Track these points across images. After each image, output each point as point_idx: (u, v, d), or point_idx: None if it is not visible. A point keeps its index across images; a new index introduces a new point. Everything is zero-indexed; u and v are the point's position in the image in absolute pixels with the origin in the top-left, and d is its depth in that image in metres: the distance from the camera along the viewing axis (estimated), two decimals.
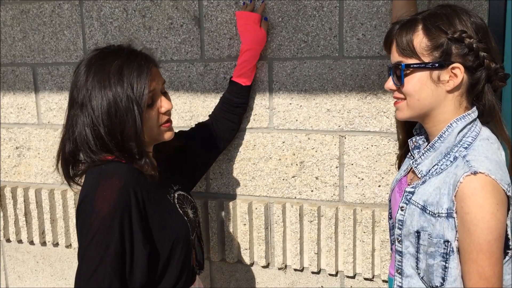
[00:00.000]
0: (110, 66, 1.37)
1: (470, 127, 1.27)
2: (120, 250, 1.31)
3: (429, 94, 1.27)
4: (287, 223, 2.02)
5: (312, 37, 1.88)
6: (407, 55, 1.28)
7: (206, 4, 1.99)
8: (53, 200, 2.37)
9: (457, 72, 1.23)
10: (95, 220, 1.28)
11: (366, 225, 1.89)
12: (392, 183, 1.49)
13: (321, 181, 1.96)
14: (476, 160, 1.20)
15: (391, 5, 1.75)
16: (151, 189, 1.42)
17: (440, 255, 1.23)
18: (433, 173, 1.29)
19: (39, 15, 2.26)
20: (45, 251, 2.48)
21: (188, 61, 2.06)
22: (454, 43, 1.23)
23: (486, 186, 1.15)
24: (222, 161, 2.07)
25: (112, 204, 1.30)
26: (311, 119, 1.93)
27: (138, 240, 1.34)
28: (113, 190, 1.31)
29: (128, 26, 2.12)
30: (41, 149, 2.38)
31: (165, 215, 1.43)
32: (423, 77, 1.27)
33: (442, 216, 1.22)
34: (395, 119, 1.48)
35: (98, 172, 1.36)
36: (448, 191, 1.21)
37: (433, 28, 1.24)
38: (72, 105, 1.41)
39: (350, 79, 1.86)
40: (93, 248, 1.28)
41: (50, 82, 2.31)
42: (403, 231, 1.33)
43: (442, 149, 1.28)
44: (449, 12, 1.26)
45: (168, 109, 1.46)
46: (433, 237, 1.24)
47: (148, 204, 1.39)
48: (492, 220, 1.14)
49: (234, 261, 2.11)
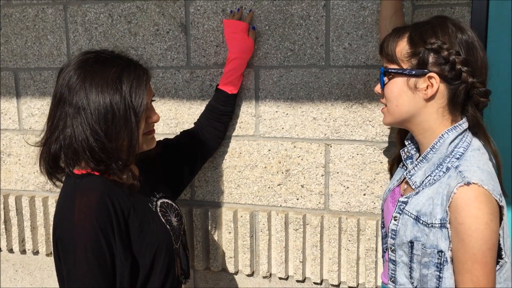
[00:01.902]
0: (108, 71, 1.33)
1: (461, 138, 1.29)
2: (109, 264, 1.30)
3: (406, 101, 1.29)
4: (272, 231, 2.02)
5: (299, 45, 1.89)
6: (389, 61, 1.31)
7: (192, 11, 1.99)
8: (33, 207, 2.32)
9: (433, 82, 1.25)
10: (79, 239, 1.26)
11: (351, 234, 1.89)
12: (384, 193, 1.50)
13: (307, 189, 1.96)
14: (469, 170, 1.21)
15: (378, 16, 1.77)
16: (130, 198, 1.40)
17: (434, 265, 1.24)
18: (426, 184, 1.30)
19: (22, 19, 2.23)
20: (24, 260, 2.43)
21: (174, 68, 2.05)
22: (431, 53, 1.25)
23: (479, 197, 1.17)
24: (207, 169, 2.06)
25: (94, 219, 1.28)
26: (297, 127, 1.94)
27: (119, 252, 1.32)
28: (91, 205, 1.29)
29: (113, 32, 2.10)
30: (22, 155, 2.34)
31: (145, 225, 1.41)
32: (400, 84, 1.29)
33: (435, 226, 1.23)
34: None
35: (73, 187, 1.33)
36: (441, 201, 1.22)
37: (416, 37, 1.27)
38: (61, 105, 1.34)
39: (336, 88, 1.87)
40: (86, 267, 1.26)
41: (33, 87, 2.27)
42: (396, 241, 1.33)
43: (435, 160, 1.29)
44: (436, 23, 1.28)
45: (156, 122, 1.46)
46: (427, 247, 1.24)
47: (128, 215, 1.37)
48: (486, 230, 1.15)
49: (219, 269, 2.09)
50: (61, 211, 1.33)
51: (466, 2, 1.74)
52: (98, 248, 1.28)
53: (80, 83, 1.32)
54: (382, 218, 1.50)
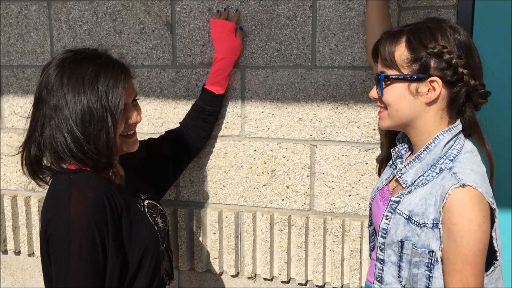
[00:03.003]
0: (85, 71, 1.32)
1: (455, 140, 1.30)
2: (101, 263, 1.28)
3: (407, 105, 1.29)
4: (258, 232, 2.01)
5: (285, 46, 1.88)
6: (388, 66, 1.31)
7: (179, 10, 1.97)
8: (15, 206, 2.29)
9: (435, 86, 1.26)
10: (75, 235, 1.24)
11: (336, 235, 1.89)
12: (373, 191, 1.50)
13: (292, 190, 1.95)
14: (463, 172, 1.22)
15: (364, 16, 1.77)
16: (122, 197, 1.39)
17: (424, 265, 1.24)
18: (419, 183, 1.30)
19: (5, 16, 2.19)
20: (6, 260, 2.39)
21: (160, 67, 2.03)
22: (433, 57, 1.25)
23: (473, 199, 1.18)
24: (192, 169, 2.05)
25: (91, 215, 1.26)
26: (283, 128, 1.93)
27: (111, 250, 1.30)
28: (88, 201, 1.27)
29: (98, 29, 2.08)
30: (4, 154, 2.30)
31: (135, 224, 1.40)
32: (401, 89, 1.29)
33: (427, 226, 1.23)
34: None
35: (68, 183, 1.31)
36: (435, 202, 1.23)
37: (415, 42, 1.27)
38: (40, 105, 1.34)
39: (322, 89, 1.87)
40: (79, 264, 1.25)
41: (15, 85, 2.23)
42: (387, 240, 1.34)
43: (428, 160, 1.30)
44: (433, 26, 1.28)
45: (136, 122, 1.43)
46: (417, 247, 1.25)
47: (121, 213, 1.36)
48: (478, 232, 1.17)
49: (203, 270, 2.08)
50: (55, 207, 1.30)
51: (452, 5, 1.75)
52: (93, 246, 1.26)
53: (58, 83, 1.32)
54: (370, 216, 1.51)
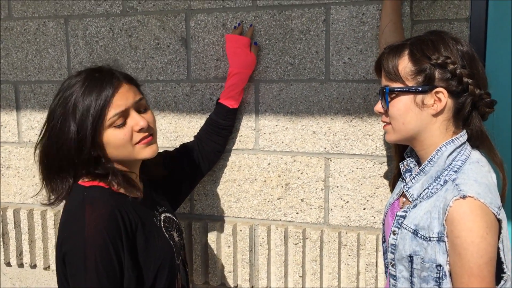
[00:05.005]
0: (70, 91, 1.37)
1: (459, 151, 1.28)
2: (118, 279, 1.29)
3: (414, 118, 1.29)
4: (272, 246, 2.01)
5: (299, 60, 1.90)
6: (392, 79, 1.30)
7: (193, 25, 2.00)
8: (32, 220, 2.31)
9: (440, 97, 1.25)
10: (90, 252, 1.25)
11: (351, 248, 1.88)
12: (385, 207, 1.49)
13: (306, 203, 1.95)
14: (465, 183, 1.21)
15: (377, 31, 1.78)
16: (137, 212, 1.39)
17: (433, 280, 1.23)
18: (424, 196, 1.30)
19: (23, 33, 2.24)
20: (22, 273, 2.41)
21: (174, 82, 2.06)
22: (437, 68, 1.25)
23: (475, 210, 1.16)
24: (206, 182, 2.06)
25: (105, 232, 1.27)
26: (297, 141, 1.94)
27: (127, 266, 1.31)
28: (102, 218, 1.28)
29: (114, 45, 2.11)
30: (21, 168, 2.33)
31: (151, 240, 1.40)
32: (407, 101, 1.29)
33: (433, 240, 1.22)
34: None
35: (82, 199, 1.32)
36: (438, 215, 1.22)
37: (418, 54, 1.27)
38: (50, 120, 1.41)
39: (336, 102, 1.88)
40: (96, 281, 1.25)
41: (33, 100, 2.27)
42: (396, 255, 1.33)
43: (432, 173, 1.29)
44: (435, 38, 1.28)
45: (142, 127, 1.38)
46: (425, 261, 1.24)
47: (135, 228, 1.36)
48: (482, 243, 1.15)
49: (218, 284, 2.08)
50: (70, 224, 1.32)
51: (464, 18, 1.76)
52: (109, 262, 1.27)
53: (56, 107, 1.39)
54: (383, 232, 1.50)
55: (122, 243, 1.30)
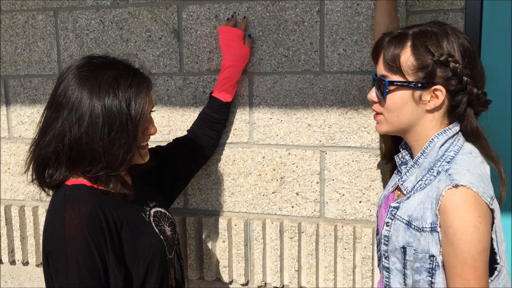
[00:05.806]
0: (103, 75, 1.30)
1: (452, 141, 1.28)
2: (103, 277, 1.26)
3: (409, 112, 1.28)
4: (267, 240, 1.99)
5: (293, 51, 1.87)
6: (392, 71, 1.28)
7: (185, 17, 1.97)
8: (23, 217, 2.28)
9: (438, 94, 1.25)
10: (71, 252, 1.23)
11: (347, 242, 1.87)
12: (379, 199, 1.49)
13: (302, 197, 1.93)
14: (458, 173, 1.20)
15: (372, 21, 1.76)
16: (123, 209, 1.36)
17: (426, 270, 1.22)
18: (418, 188, 1.29)
19: (12, 26, 2.19)
20: (14, 270, 2.38)
21: (167, 75, 2.03)
22: (439, 66, 1.24)
23: (467, 199, 1.16)
24: (200, 177, 2.03)
25: (86, 231, 1.24)
26: (291, 134, 1.92)
27: (112, 264, 1.29)
28: (83, 217, 1.25)
29: (104, 38, 2.07)
30: (12, 164, 2.29)
31: (138, 236, 1.38)
32: (405, 96, 1.28)
33: (426, 230, 1.21)
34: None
35: (63, 199, 1.30)
36: (431, 205, 1.21)
37: (421, 48, 1.25)
38: (54, 108, 1.32)
39: (331, 94, 1.85)
40: (78, 280, 1.23)
41: (22, 95, 2.23)
42: (389, 247, 1.32)
43: (426, 165, 1.29)
44: (439, 32, 1.26)
45: (153, 134, 1.43)
46: (418, 252, 1.23)
47: (120, 226, 1.33)
48: (475, 233, 1.14)
49: (213, 279, 2.06)
50: (51, 224, 1.30)
51: (459, 8, 1.74)
52: (91, 261, 1.24)
53: (75, 85, 1.30)
54: (377, 224, 1.49)
55: (106, 242, 1.28)
